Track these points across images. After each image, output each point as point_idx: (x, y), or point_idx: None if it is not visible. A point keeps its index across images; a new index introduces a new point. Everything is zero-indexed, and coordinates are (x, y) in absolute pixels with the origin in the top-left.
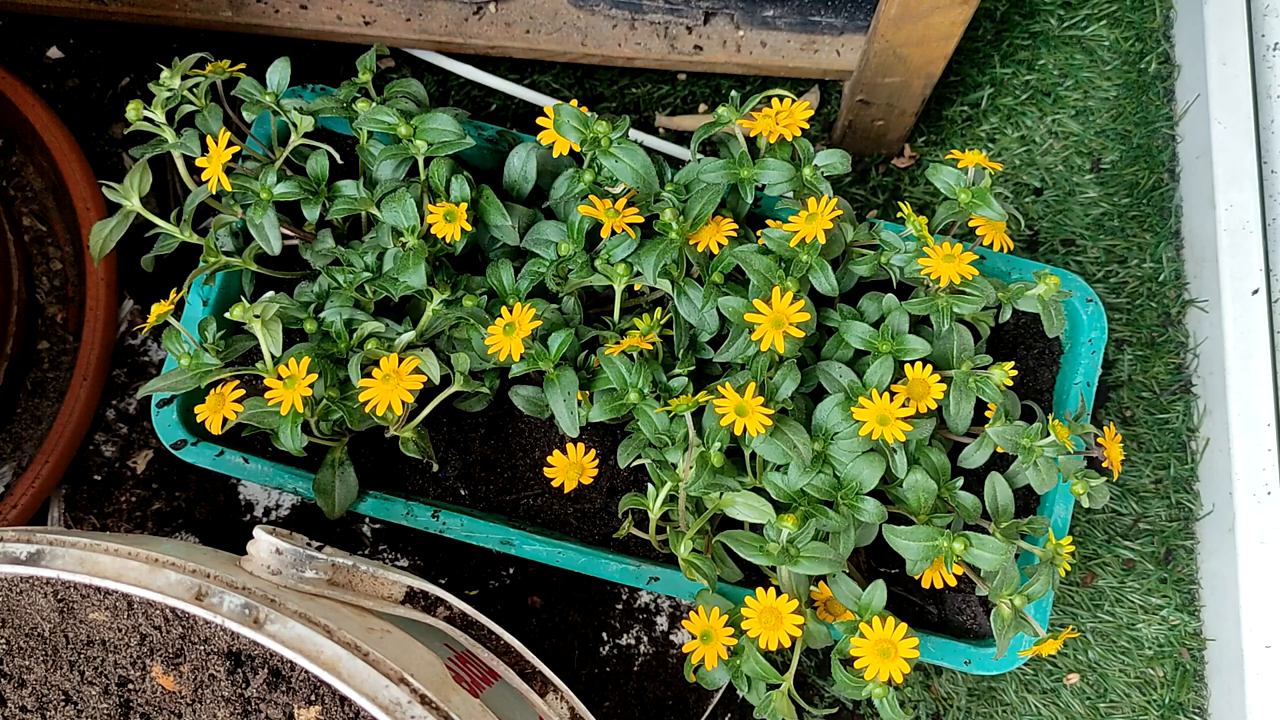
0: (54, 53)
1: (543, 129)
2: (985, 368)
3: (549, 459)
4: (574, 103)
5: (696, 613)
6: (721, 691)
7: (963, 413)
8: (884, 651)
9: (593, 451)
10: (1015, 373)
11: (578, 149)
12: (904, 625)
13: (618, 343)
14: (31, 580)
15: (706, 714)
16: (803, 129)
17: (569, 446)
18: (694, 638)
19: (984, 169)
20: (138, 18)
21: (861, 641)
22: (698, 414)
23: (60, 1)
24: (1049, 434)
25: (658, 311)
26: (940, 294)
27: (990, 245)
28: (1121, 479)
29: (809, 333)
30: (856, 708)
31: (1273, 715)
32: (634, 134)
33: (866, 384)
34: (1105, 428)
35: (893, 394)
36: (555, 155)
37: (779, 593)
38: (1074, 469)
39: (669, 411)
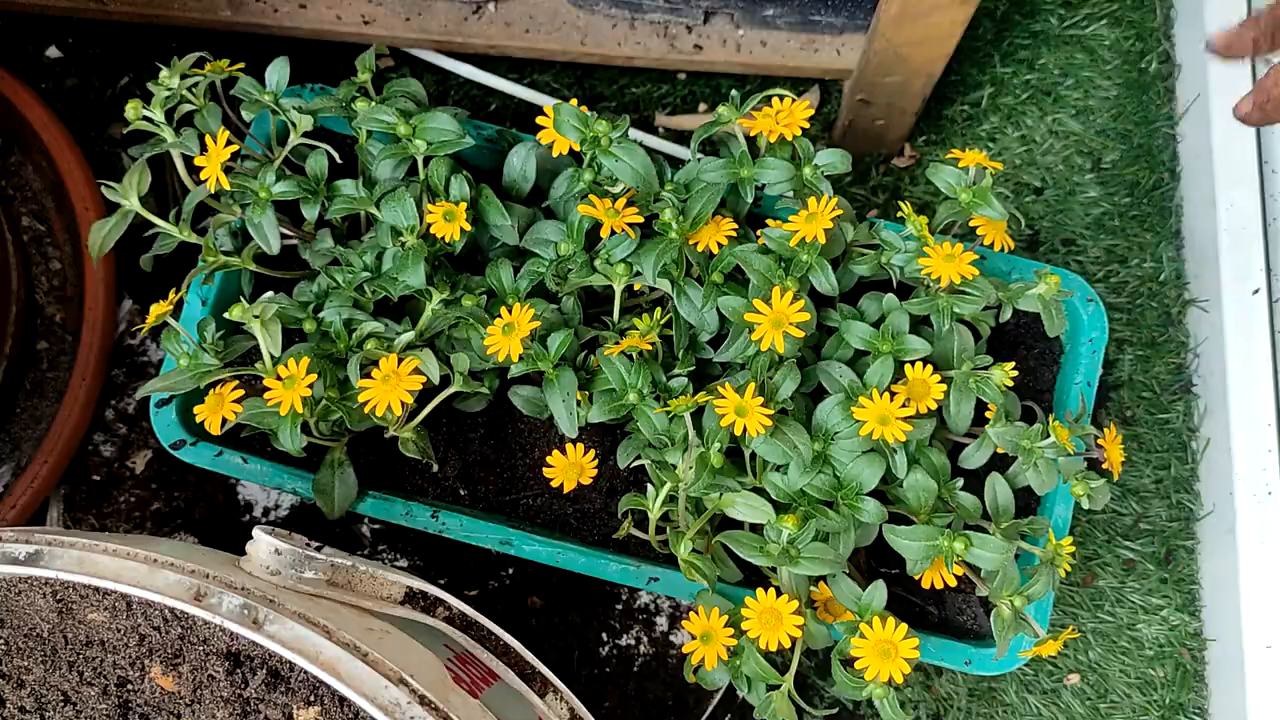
0: (53, 52)
1: (542, 128)
2: (986, 368)
3: (548, 459)
4: (574, 102)
5: (696, 613)
6: (721, 692)
7: (963, 413)
8: (884, 652)
9: (592, 452)
10: (1016, 373)
11: (577, 148)
12: (904, 625)
13: (617, 343)
14: (30, 580)
15: (706, 714)
16: (803, 128)
17: (568, 447)
18: (694, 638)
19: (984, 168)
20: (137, 17)
21: (862, 642)
22: (697, 414)
23: (60, 1)
24: (1049, 435)
25: (657, 311)
26: (940, 294)
27: (991, 245)
28: (1122, 479)
29: (809, 332)
30: (857, 708)
31: (1273, 716)
32: (634, 133)
33: (867, 384)
34: (1106, 428)
35: (893, 394)
36: (555, 155)
37: (779, 593)
38: (1074, 470)
39: (669, 412)
